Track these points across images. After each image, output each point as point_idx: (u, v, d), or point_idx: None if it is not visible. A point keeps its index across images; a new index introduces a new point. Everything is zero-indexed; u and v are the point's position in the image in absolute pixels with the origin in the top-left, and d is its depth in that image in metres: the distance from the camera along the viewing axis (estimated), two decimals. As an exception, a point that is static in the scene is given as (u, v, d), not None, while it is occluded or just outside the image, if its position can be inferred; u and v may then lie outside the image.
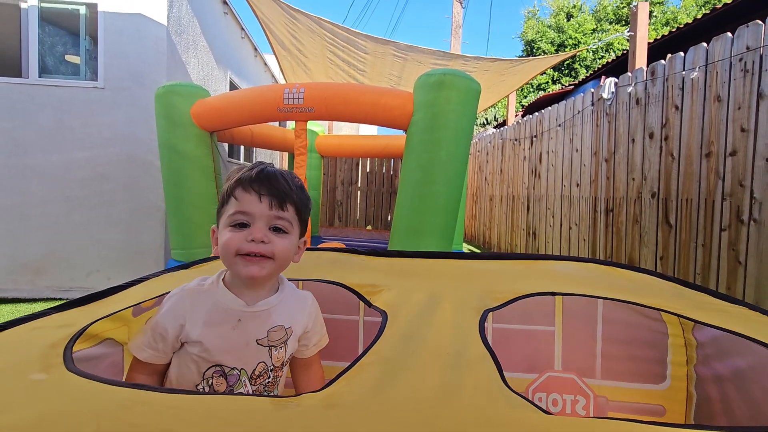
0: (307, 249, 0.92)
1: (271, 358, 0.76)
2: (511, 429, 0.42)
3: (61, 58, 3.93)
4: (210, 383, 0.72)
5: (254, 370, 0.74)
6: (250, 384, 0.74)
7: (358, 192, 7.73)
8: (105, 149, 3.82)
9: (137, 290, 0.80)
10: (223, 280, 0.76)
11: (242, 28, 6.06)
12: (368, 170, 7.67)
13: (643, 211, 3.13)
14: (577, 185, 4.05)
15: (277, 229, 0.72)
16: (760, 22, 2.27)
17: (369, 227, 7.52)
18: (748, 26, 2.33)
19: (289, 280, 0.83)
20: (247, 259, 0.70)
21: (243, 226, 0.70)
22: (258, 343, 0.74)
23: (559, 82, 15.04)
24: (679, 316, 0.68)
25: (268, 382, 0.77)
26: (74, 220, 3.82)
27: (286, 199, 0.72)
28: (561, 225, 4.38)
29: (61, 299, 3.49)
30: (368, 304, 0.71)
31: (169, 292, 0.76)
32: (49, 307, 0.71)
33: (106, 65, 3.77)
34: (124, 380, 0.91)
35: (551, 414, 0.44)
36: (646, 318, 1.13)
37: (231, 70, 5.64)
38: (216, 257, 0.96)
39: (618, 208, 3.43)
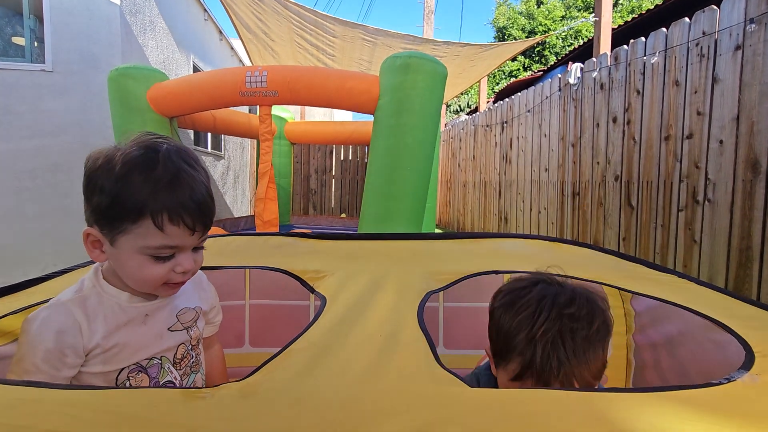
0: (255, 234, 0.88)
1: (190, 337, 0.72)
2: (433, 405, 0.41)
3: (5, 39, 3.65)
4: (128, 386, 0.65)
5: (176, 354, 0.70)
6: (176, 369, 0.70)
7: (333, 180, 7.64)
8: (57, 137, 3.60)
9: (60, 282, 0.73)
10: (104, 278, 0.66)
11: (205, 10, 5.80)
12: (342, 158, 7.59)
13: (607, 194, 3.22)
14: (546, 170, 4.12)
15: (196, 248, 0.66)
16: (715, 7, 2.33)
17: (343, 215, 7.47)
18: (704, 12, 2.39)
19: (232, 267, 0.79)
20: (171, 285, 0.64)
21: (167, 257, 0.62)
22: (171, 330, 0.70)
23: (530, 69, 15.23)
24: (617, 288, 0.69)
25: (193, 362, 0.73)
26: (26, 213, 3.60)
27: (212, 222, 0.65)
28: (531, 209, 4.46)
29: (14, 297, 3.30)
30: (311, 289, 0.68)
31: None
32: None
33: (54, 47, 3.53)
34: None
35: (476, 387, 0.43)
36: None
37: (194, 53, 5.40)
38: None
39: (584, 191, 3.50)
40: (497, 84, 15.73)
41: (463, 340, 1.22)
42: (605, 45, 3.80)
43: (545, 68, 9.25)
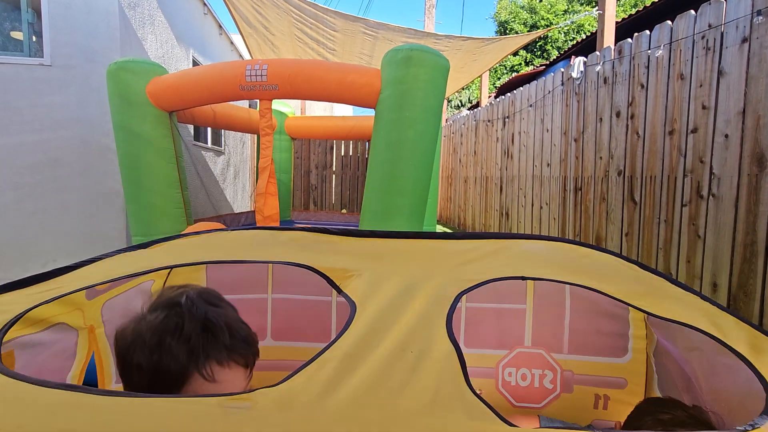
0: (275, 228, 0.87)
1: None
2: None
3: (3, 33, 3.62)
4: None
5: None
6: None
7: (333, 176, 7.62)
8: (56, 132, 3.58)
9: (89, 271, 0.72)
10: None
11: (204, 4, 5.76)
12: (343, 154, 7.56)
13: (609, 189, 3.19)
14: (548, 165, 4.09)
15: None
16: (722, -1, 2.29)
17: (344, 211, 7.46)
18: (710, 4, 2.36)
19: (256, 261, 0.79)
20: None
21: None
22: None
23: (532, 64, 15.14)
24: (641, 310, 0.68)
25: None
26: (26, 209, 3.59)
27: (258, 350, 0.62)
28: (533, 205, 4.43)
29: (14, 292, 3.29)
30: (338, 290, 0.67)
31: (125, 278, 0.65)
32: None
33: (52, 41, 3.50)
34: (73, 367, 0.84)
35: (514, 425, 0.42)
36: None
37: (194, 48, 5.36)
38: (176, 236, 0.88)
39: (586, 186, 3.48)
40: (499, 79, 15.65)
41: (484, 340, 1.24)
42: (609, 38, 3.76)
43: (547, 63, 9.19)
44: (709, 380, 0.77)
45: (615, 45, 3.17)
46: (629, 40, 2.99)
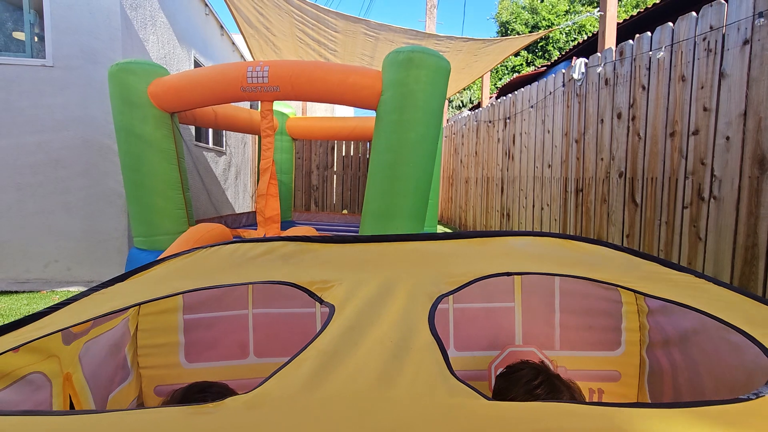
0: (255, 240, 0.85)
1: None
2: (450, 417, 0.40)
3: (5, 34, 3.63)
4: None
5: None
6: None
7: (334, 176, 7.62)
8: (58, 133, 3.59)
9: (63, 315, 0.68)
10: None
11: (206, 5, 5.76)
12: (344, 154, 7.56)
13: (610, 191, 3.19)
14: (549, 166, 4.09)
15: None
16: (723, 1, 2.29)
17: (345, 211, 7.46)
18: (711, 5, 2.35)
19: (234, 285, 0.76)
20: None
21: None
22: None
23: (533, 65, 15.12)
24: (632, 291, 0.67)
25: None
26: (27, 209, 3.60)
27: None
28: (534, 206, 4.43)
29: (17, 292, 3.31)
30: (319, 300, 0.66)
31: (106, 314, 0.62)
32: None
33: (54, 42, 3.51)
34: None
35: (492, 400, 0.41)
36: (601, 288, 1.15)
37: (195, 49, 5.37)
38: (155, 262, 0.85)
39: (587, 188, 3.48)
40: (500, 79, 15.64)
41: (475, 341, 1.21)
42: (610, 40, 3.76)
43: (549, 63, 9.18)
44: (713, 363, 0.76)
45: (616, 46, 3.17)
46: (631, 41, 2.99)
